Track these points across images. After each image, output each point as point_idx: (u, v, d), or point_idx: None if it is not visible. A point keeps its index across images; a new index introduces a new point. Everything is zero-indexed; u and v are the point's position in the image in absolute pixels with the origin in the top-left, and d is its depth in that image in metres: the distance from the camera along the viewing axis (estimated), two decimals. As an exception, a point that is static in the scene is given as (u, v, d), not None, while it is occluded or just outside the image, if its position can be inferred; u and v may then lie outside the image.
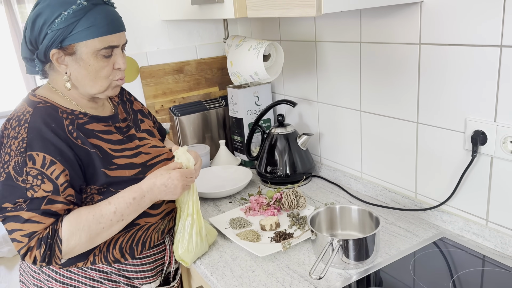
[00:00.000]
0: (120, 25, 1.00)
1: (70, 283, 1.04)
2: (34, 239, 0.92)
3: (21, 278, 1.13)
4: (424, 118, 1.19)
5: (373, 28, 1.28)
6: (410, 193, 1.30)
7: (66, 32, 0.93)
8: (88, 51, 0.96)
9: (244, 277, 1.05)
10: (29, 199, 0.91)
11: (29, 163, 0.92)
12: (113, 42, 0.98)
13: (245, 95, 1.70)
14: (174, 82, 1.81)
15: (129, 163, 1.05)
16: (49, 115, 0.97)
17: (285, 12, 1.05)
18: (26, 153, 0.92)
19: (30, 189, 0.91)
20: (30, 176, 0.91)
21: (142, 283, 1.12)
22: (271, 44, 1.48)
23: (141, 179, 1.04)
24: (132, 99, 1.25)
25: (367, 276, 1.02)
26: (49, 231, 0.93)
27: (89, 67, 0.98)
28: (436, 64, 1.12)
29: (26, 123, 0.94)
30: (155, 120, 1.33)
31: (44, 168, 0.92)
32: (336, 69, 1.46)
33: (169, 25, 1.78)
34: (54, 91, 1.03)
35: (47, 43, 0.94)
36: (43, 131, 0.94)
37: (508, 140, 1.00)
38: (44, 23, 0.93)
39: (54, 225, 0.94)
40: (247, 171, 1.59)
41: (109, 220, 0.98)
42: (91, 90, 1.02)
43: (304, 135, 1.55)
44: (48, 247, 0.93)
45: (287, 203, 1.33)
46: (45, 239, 0.92)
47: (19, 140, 0.93)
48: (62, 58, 0.97)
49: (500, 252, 1.07)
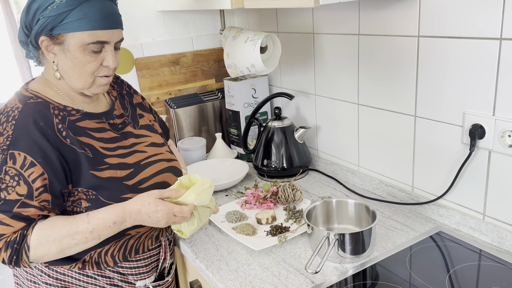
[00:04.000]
0: (114, 22, 0.96)
1: (64, 279, 1.03)
2: (1, 242, 0.89)
3: (14, 272, 1.12)
4: (422, 111, 1.19)
5: (371, 20, 1.26)
6: (407, 187, 1.29)
7: (56, 20, 0.91)
8: (76, 43, 0.93)
9: (240, 270, 1.05)
10: (2, 200, 0.89)
11: (9, 162, 0.89)
12: (102, 38, 0.94)
13: (242, 87, 1.69)
14: (170, 74, 1.79)
15: (121, 162, 1.02)
16: (39, 112, 0.95)
17: (282, 3, 1.04)
18: (8, 151, 0.90)
19: (4, 190, 0.89)
20: (8, 176, 0.89)
21: (137, 279, 1.11)
22: (268, 36, 1.46)
23: (132, 179, 1.01)
24: (132, 92, 1.22)
25: (364, 270, 1.01)
26: (17, 236, 0.89)
27: (75, 60, 0.95)
28: (434, 57, 1.11)
29: (13, 120, 0.92)
30: (156, 115, 1.30)
31: (22, 169, 0.89)
32: (334, 62, 1.44)
33: (165, 16, 1.76)
34: (47, 84, 1.01)
35: (38, 29, 0.92)
36: (29, 129, 0.91)
37: (507, 134, 0.99)
38: (38, 8, 0.91)
39: (24, 230, 0.90)
40: (244, 164, 1.58)
41: (84, 238, 0.93)
42: (76, 84, 0.99)
43: (301, 128, 1.54)
44: (15, 252, 0.90)
45: (284, 197, 1.32)
46: (11, 244, 0.89)
47: (4, 137, 0.91)
48: (51, 46, 0.95)
49: (497, 246, 1.07)
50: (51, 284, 1.03)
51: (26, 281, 1.07)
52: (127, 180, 1.01)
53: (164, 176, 1.09)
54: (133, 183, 1.02)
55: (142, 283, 1.12)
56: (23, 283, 1.09)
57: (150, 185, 1.05)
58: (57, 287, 1.03)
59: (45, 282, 1.04)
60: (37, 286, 1.05)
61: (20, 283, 1.10)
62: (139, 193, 0.99)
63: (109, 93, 1.14)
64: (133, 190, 1.01)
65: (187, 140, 1.73)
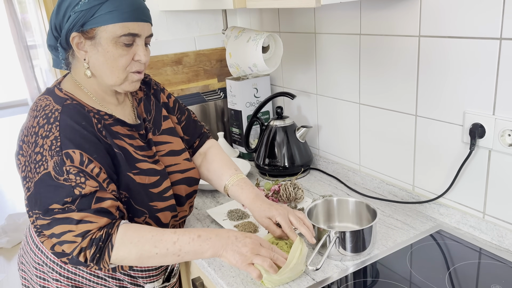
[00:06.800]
0: (144, 15, 0.97)
1: (75, 278, 1.03)
2: (87, 239, 0.88)
3: (22, 267, 1.12)
4: (422, 111, 1.19)
5: (372, 20, 1.27)
6: (407, 186, 1.30)
7: (88, 14, 0.91)
8: (108, 37, 0.92)
9: (241, 268, 1.05)
10: (78, 197, 0.87)
11: (67, 161, 0.88)
12: (134, 30, 0.94)
13: (243, 87, 1.70)
14: (173, 74, 1.80)
15: (151, 168, 1.02)
16: (78, 113, 0.94)
17: (284, 3, 1.04)
18: (62, 151, 0.88)
19: (76, 187, 0.87)
20: (71, 175, 0.88)
21: (146, 282, 1.11)
22: (270, 36, 1.47)
23: (157, 187, 1.01)
24: (159, 89, 1.19)
25: (364, 268, 1.02)
26: (102, 234, 0.89)
27: (107, 54, 0.94)
28: (435, 57, 1.12)
29: (56, 121, 0.91)
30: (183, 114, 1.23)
31: (83, 166, 0.89)
32: (335, 62, 1.45)
33: (168, 16, 1.77)
34: (77, 86, 1.00)
35: (69, 25, 0.92)
36: (75, 128, 0.91)
37: (506, 133, 1.00)
38: (69, 5, 0.92)
39: (109, 228, 0.90)
40: (246, 164, 1.59)
41: (166, 249, 0.90)
42: (108, 80, 0.98)
43: (302, 128, 1.55)
44: (99, 250, 0.89)
45: (285, 195, 1.33)
46: (97, 241, 0.88)
47: (51, 139, 0.89)
48: (82, 43, 0.94)
49: (497, 245, 1.07)
50: (61, 282, 1.04)
51: (35, 277, 1.07)
52: (153, 188, 1.01)
53: (177, 189, 1.09)
54: (158, 191, 1.02)
55: (151, 286, 1.12)
56: (31, 279, 1.09)
57: (170, 195, 1.05)
58: (67, 286, 1.04)
59: (55, 279, 1.04)
60: (47, 283, 1.06)
61: (28, 278, 1.11)
62: (164, 202, 1.01)
63: (134, 96, 1.12)
64: (158, 199, 1.02)
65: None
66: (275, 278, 0.92)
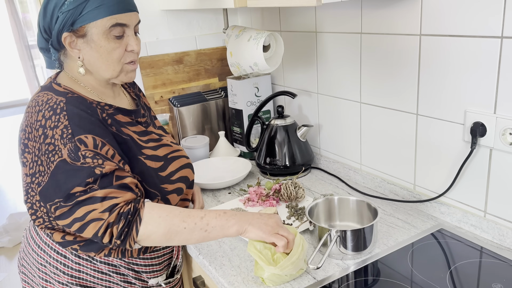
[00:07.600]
0: (131, 5, 0.98)
1: (78, 276, 1.03)
2: (114, 213, 0.87)
3: (22, 270, 1.12)
4: (423, 109, 1.19)
5: (373, 18, 1.27)
6: (409, 185, 1.30)
7: (76, 13, 0.92)
8: (99, 32, 0.94)
9: (242, 267, 1.06)
10: (99, 176, 0.87)
11: (81, 146, 0.88)
12: (122, 20, 0.95)
13: (244, 86, 1.70)
14: (174, 73, 1.80)
15: (154, 155, 1.05)
16: (82, 103, 0.96)
17: (285, 2, 1.04)
18: (75, 138, 0.89)
19: (96, 167, 0.88)
20: (88, 158, 0.88)
21: (150, 276, 1.12)
22: (271, 35, 1.47)
23: (164, 171, 1.05)
24: (141, 95, 1.23)
25: (365, 267, 1.02)
26: (130, 207, 0.88)
27: (101, 49, 0.96)
28: (436, 55, 1.12)
29: (63, 111, 0.91)
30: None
31: (97, 149, 0.90)
32: (336, 60, 1.45)
33: (169, 15, 1.77)
34: (75, 81, 1.02)
35: (59, 26, 0.93)
36: (83, 116, 0.92)
37: (508, 132, 1.00)
38: (55, 6, 0.93)
39: (136, 203, 0.90)
40: (246, 163, 1.59)
41: (194, 223, 0.91)
42: (104, 73, 1.00)
43: (303, 127, 1.55)
44: (127, 224, 0.88)
45: (286, 194, 1.33)
46: (125, 215, 0.87)
47: (60, 128, 0.89)
48: (74, 42, 0.96)
49: (498, 243, 1.07)
50: (64, 282, 1.04)
51: (38, 278, 1.07)
52: (161, 172, 1.04)
53: (185, 172, 1.12)
54: (165, 174, 1.06)
55: (155, 281, 1.13)
56: (32, 281, 1.09)
57: (178, 177, 1.08)
58: (72, 284, 1.04)
59: (58, 280, 1.04)
60: (49, 285, 1.06)
61: (29, 281, 1.10)
62: (173, 185, 1.05)
63: (129, 93, 1.16)
64: (166, 181, 1.05)
65: (191, 138, 1.74)
66: (276, 272, 0.93)
